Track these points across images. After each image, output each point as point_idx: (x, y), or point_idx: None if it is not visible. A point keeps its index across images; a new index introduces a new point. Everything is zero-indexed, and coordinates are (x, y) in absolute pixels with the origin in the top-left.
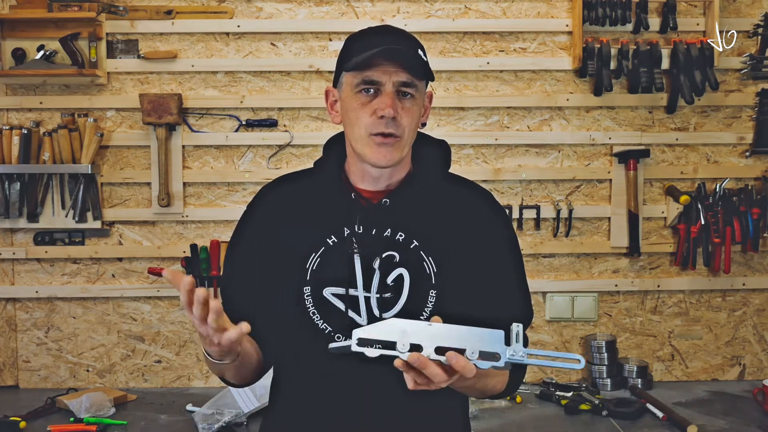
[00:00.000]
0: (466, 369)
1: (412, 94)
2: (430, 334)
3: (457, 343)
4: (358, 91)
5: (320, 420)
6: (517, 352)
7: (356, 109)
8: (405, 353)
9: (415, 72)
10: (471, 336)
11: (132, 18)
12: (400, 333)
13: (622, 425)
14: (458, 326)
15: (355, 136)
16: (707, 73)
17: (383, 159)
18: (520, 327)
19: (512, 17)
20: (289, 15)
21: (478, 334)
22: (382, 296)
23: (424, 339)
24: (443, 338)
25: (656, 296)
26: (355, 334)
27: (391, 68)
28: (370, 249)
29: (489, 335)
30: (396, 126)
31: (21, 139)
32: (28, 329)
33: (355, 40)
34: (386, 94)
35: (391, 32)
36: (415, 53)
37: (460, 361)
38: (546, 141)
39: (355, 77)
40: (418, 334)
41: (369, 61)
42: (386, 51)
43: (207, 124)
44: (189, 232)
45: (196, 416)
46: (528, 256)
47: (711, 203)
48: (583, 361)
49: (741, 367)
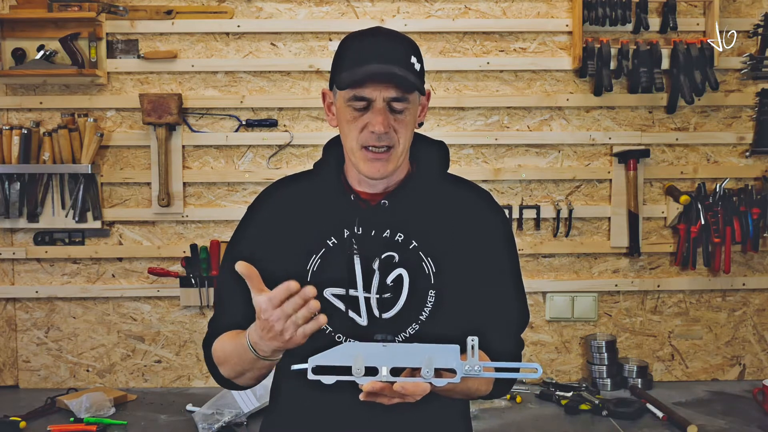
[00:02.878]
0: (419, 390)
1: (403, 109)
2: (385, 356)
3: (411, 362)
4: (349, 104)
5: (321, 420)
6: (473, 366)
7: (348, 122)
8: (361, 378)
9: (406, 88)
10: (426, 353)
11: (132, 18)
12: (355, 357)
13: (622, 425)
14: (413, 345)
15: (348, 146)
16: (707, 73)
17: (377, 172)
18: (476, 340)
19: (512, 17)
20: (289, 15)
21: (433, 350)
22: (382, 296)
23: (379, 361)
24: (398, 358)
25: (656, 296)
26: (311, 361)
27: (382, 84)
28: (370, 250)
29: (444, 351)
30: (389, 138)
31: (21, 139)
32: (28, 329)
33: (349, 47)
34: (377, 110)
35: (383, 40)
36: (407, 64)
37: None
38: (546, 141)
39: (347, 93)
40: (374, 356)
41: (357, 82)
42: (375, 74)
43: (207, 124)
44: (189, 232)
45: (196, 416)
46: (528, 256)
47: (711, 203)
48: (540, 369)
49: (741, 367)
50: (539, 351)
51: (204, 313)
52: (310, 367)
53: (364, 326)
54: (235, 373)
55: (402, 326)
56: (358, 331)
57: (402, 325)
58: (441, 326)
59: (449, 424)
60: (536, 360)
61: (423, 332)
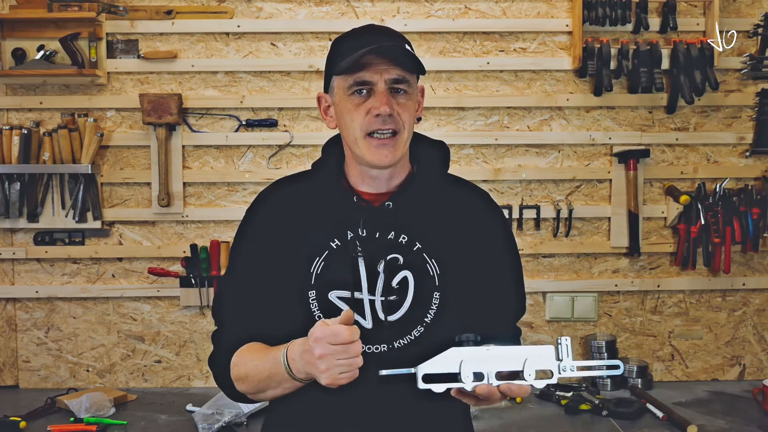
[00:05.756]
0: (522, 392)
1: (404, 89)
2: (489, 359)
3: (512, 365)
4: (350, 93)
5: (321, 420)
6: (567, 366)
7: (350, 111)
8: (470, 383)
9: (406, 67)
10: (525, 355)
11: (132, 18)
12: (460, 362)
13: (622, 425)
14: (512, 347)
15: (351, 138)
16: (707, 73)
17: (384, 159)
18: (569, 340)
19: (512, 17)
20: (289, 15)
21: (531, 352)
22: (387, 299)
23: (484, 365)
24: (501, 362)
25: (656, 296)
26: (420, 370)
27: (382, 66)
28: (374, 252)
29: (541, 352)
30: (394, 122)
31: (21, 139)
32: (28, 329)
33: (341, 42)
34: (380, 93)
35: (376, 31)
36: (403, 48)
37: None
38: (546, 141)
39: (346, 80)
40: (478, 360)
41: (359, 61)
42: (376, 49)
43: (207, 124)
44: (189, 232)
45: (196, 416)
46: (528, 256)
47: (711, 203)
48: (623, 366)
49: (741, 367)
50: None
51: (204, 313)
52: (420, 375)
53: (369, 329)
54: (255, 390)
55: (407, 329)
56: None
57: (407, 327)
58: (446, 328)
59: (451, 425)
60: None
61: (428, 334)
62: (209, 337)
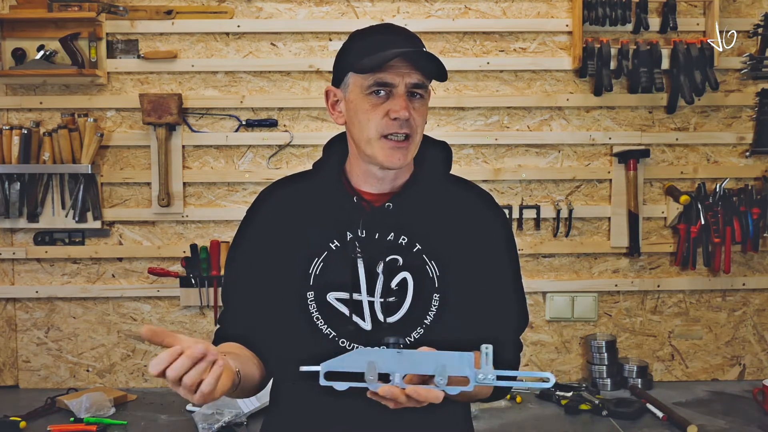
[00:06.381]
0: (430, 397)
1: (421, 94)
2: (399, 363)
3: (425, 369)
4: (369, 93)
5: (321, 420)
6: (487, 375)
7: (367, 111)
8: (374, 384)
9: (427, 73)
10: (440, 361)
11: (132, 18)
12: (368, 363)
13: (622, 425)
14: (427, 352)
15: (364, 137)
16: (707, 73)
17: (396, 162)
18: (490, 348)
19: (512, 17)
20: (289, 15)
21: (447, 358)
22: (386, 300)
23: (392, 368)
24: (412, 365)
25: (656, 296)
26: (324, 367)
27: (404, 69)
28: (374, 253)
29: (458, 359)
30: (410, 126)
31: (21, 139)
32: (28, 329)
33: (360, 39)
34: (399, 96)
35: (397, 31)
36: (430, 55)
37: (422, 392)
38: (546, 141)
39: (366, 79)
40: (387, 363)
41: (384, 63)
42: (406, 53)
43: (207, 124)
44: (189, 232)
45: (196, 416)
46: (528, 256)
47: (711, 203)
48: (553, 379)
49: (741, 367)
50: (539, 351)
51: (204, 313)
52: (323, 372)
53: (368, 331)
54: None
55: (407, 330)
56: (362, 335)
57: (407, 329)
58: (445, 330)
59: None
60: (536, 360)
61: (428, 336)
62: (209, 337)
